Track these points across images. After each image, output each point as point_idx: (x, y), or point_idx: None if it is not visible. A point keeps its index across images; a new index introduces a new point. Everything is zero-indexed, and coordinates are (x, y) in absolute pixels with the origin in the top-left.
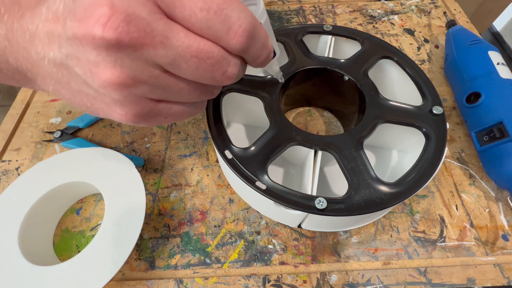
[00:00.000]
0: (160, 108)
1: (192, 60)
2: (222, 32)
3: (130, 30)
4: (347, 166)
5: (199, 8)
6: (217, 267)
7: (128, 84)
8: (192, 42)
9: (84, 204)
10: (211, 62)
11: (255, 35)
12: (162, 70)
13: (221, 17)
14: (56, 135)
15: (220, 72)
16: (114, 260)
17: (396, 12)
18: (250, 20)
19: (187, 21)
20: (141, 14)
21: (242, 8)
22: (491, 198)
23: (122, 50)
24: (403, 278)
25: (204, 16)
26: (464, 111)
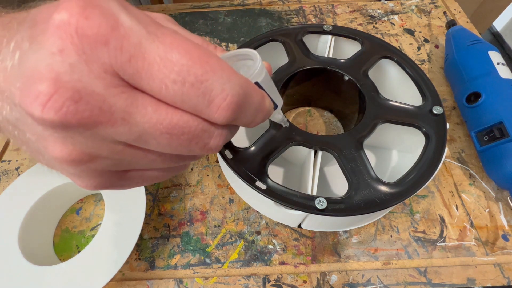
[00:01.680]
0: (129, 176)
1: (162, 137)
2: (201, 106)
3: (78, 109)
4: (347, 166)
5: (171, 80)
6: (217, 267)
7: (83, 161)
8: (162, 117)
9: (84, 204)
10: (187, 137)
11: (244, 104)
12: (126, 145)
13: (200, 90)
14: None
15: (199, 146)
16: (114, 260)
17: (396, 12)
18: (238, 91)
19: (157, 93)
20: (95, 89)
21: (227, 76)
22: (491, 198)
23: (71, 129)
24: (403, 278)
25: (178, 89)
26: (464, 111)
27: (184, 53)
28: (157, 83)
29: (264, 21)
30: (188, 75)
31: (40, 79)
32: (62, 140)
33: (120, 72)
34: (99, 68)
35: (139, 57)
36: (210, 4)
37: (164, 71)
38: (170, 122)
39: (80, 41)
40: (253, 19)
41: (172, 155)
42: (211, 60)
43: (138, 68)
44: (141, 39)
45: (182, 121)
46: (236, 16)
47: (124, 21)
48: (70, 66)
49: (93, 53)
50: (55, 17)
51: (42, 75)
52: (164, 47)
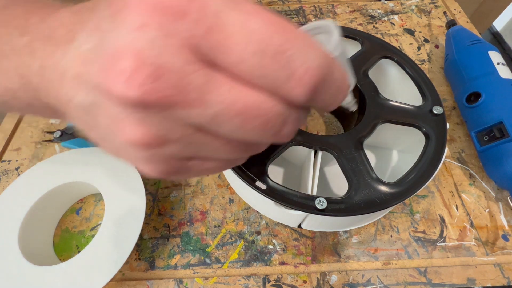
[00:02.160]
0: (190, 165)
1: (236, 119)
2: (280, 81)
3: (158, 87)
4: (347, 166)
5: (250, 51)
6: (217, 267)
7: (154, 145)
8: (237, 97)
9: (84, 204)
10: (261, 121)
11: (327, 79)
12: (197, 129)
13: (280, 62)
14: (56, 135)
15: (272, 131)
16: (114, 260)
17: (396, 12)
18: (320, 63)
19: (234, 69)
20: (175, 65)
21: (309, 46)
22: (491, 198)
23: (148, 109)
24: (403, 278)
25: (257, 62)
26: (464, 111)
27: (264, 21)
28: (235, 56)
29: None
30: (268, 46)
31: (122, 56)
32: (138, 121)
33: (197, 47)
34: (177, 42)
35: (217, 28)
36: None
37: (243, 41)
38: (245, 102)
39: (160, 15)
40: None
41: (238, 144)
42: (292, 29)
43: (215, 40)
44: (219, 8)
45: (258, 102)
46: None
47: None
48: (150, 41)
49: (172, 27)
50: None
51: (124, 52)
52: (243, 15)
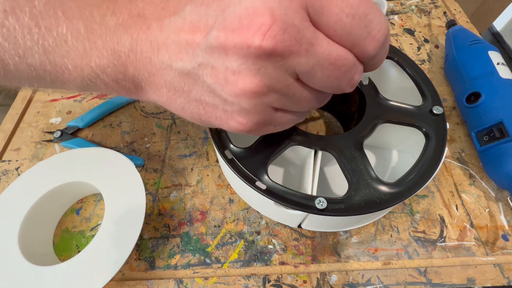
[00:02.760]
0: (275, 116)
1: (328, 68)
2: (361, 38)
3: (285, 38)
4: (347, 166)
5: (345, 13)
6: (217, 267)
7: (262, 93)
8: (332, 50)
9: (84, 204)
10: (344, 70)
11: (388, 40)
12: (296, 78)
13: (364, 22)
14: (56, 135)
15: (347, 79)
16: (114, 260)
17: (396, 12)
18: (387, 26)
19: (330, 27)
20: (295, 21)
21: (380, 12)
22: (491, 198)
23: (271, 58)
24: (403, 278)
25: (349, 21)
26: (464, 111)
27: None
28: (334, 17)
29: None
30: (358, 9)
31: (260, 13)
32: (255, 72)
33: (309, 8)
34: (297, 4)
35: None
36: None
37: (341, 5)
38: (337, 54)
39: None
40: None
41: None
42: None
43: (322, 4)
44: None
45: (344, 54)
46: None
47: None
48: (279, 2)
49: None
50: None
51: (260, 10)
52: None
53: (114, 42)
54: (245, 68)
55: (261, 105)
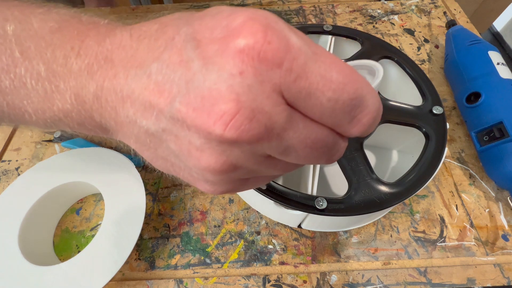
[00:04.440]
0: (249, 182)
1: (305, 150)
2: (345, 121)
3: (251, 127)
4: (347, 166)
5: (326, 98)
6: (217, 267)
7: (228, 171)
8: (310, 133)
9: (84, 204)
10: (323, 150)
11: (377, 120)
12: (268, 157)
13: (349, 107)
14: (56, 135)
15: (327, 157)
16: (114, 260)
17: (396, 12)
18: (377, 107)
19: (309, 110)
20: (265, 107)
21: (371, 92)
22: (491, 198)
23: (236, 145)
24: (403, 278)
25: (331, 106)
26: (464, 111)
27: (340, 72)
28: (313, 101)
29: None
30: (342, 94)
31: (223, 99)
32: (219, 152)
33: (284, 92)
34: (270, 88)
35: (303, 76)
36: (210, 4)
37: (322, 89)
38: (315, 137)
39: (260, 64)
40: None
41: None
42: (359, 78)
43: (300, 87)
44: (307, 60)
45: (323, 136)
46: None
47: (295, 42)
48: (248, 87)
49: (268, 75)
50: (239, 42)
51: (224, 96)
52: (325, 66)
53: (78, 87)
54: (208, 148)
55: (228, 179)
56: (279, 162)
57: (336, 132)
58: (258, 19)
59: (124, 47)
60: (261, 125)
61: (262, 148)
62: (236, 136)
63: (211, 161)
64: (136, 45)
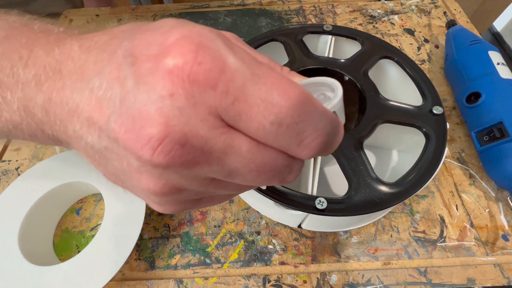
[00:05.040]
0: (201, 201)
1: (251, 174)
2: (292, 145)
3: (184, 153)
4: (347, 166)
5: (269, 121)
6: (217, 267)
7: (171, 193)
8: (254, 156)
9: (84, 204)
10: (272, 174)
11: (331, 142)
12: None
13: (294, 131)
14: None
15: (279, 179)
16: (114, 260)
17: (396, 12)
18: (328, 130)
19: (252, 133)
20: (200, 132)
21: (320, 116)
22: (491, 198)
23: (170, 169)
24: (403, 278)
25: (274, 130)
26: (464, 111)
27: (283, 94)
28: (254, 124)
29: (264, 21)
30: (285, 117)
31: (150, 122)
32: (157, 176)
33: (222, 114)
34: (204, 110)
35: (242, 99)
36: (210, 4)
37: (264, 113)
38: (261, 161)
39: (191, 86)
40: (253, 19)
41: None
42: (307, 100)
43: (239, 110)
44: (245, 81)
45: (271, 159)
46: (236, 16)
47: (231, 63)
48: (179, 110)
49: (201, 97)
50: (168, 62)
51: (153, 119)
52: (265, 89)
53: (26, 99)
54: (146, 171)
55: (174, 201)
56: (229, 184)
57: (288, 154)
58: (191, 37)
59: (73, 58)
60: (197, 150)
61: (203, 172)
62: (166, 161)
63: (150, 184)
64: (85, 56)
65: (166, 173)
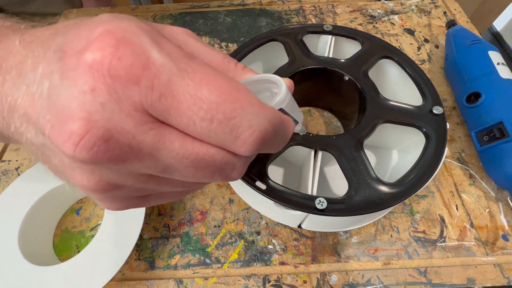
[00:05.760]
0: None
1: (187, 170)
2: (228, 141)
3: (109, 148)
4: (347, 166)
5: (199, 117)
6: (217, 267)
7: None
8: (189, 152)
9: (84, 204)
10: (211, 170)
11: (271, 137)
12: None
13: (227, 127)
14: None
15: (222, 176)
16: (114, 260)
17: (396, 12)
18: (265, 126)
19: (184, 129)
20: (125, 127)
21: (256, 111)
22: (491, 198)
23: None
24: (403, 278)
25: (206, 126)
26: (464, 111)
27: (213, 90)
28: (185, 120)
29: (264, 21)
30: (216, 113)
31: (72, 118)
32: (89, 172)
33: (149, 110)
34: (129, 106)
35: (169, 95)
36: (210, 4)
37: (193, 108)
38: (196, 156)
39: (112, 81)
40: (253, 19)
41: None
42: (241, 96)
43: (167, 105)
44: (171, 77)
45: (207, 155)
46: (236, 16)
47: (156, 59)
48: (102, 105)
49: (124, 92)
50: (88, 56)
51: (74, 114)
52: (194, 84)
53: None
54: (77, 167)
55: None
56: (171, 180)
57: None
58: (114, 32)
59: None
60: (123, 145)
61: (135, 168)
62: (89, 156)
63: (84, 181)
64: (26, 51)
65: (98, 169)
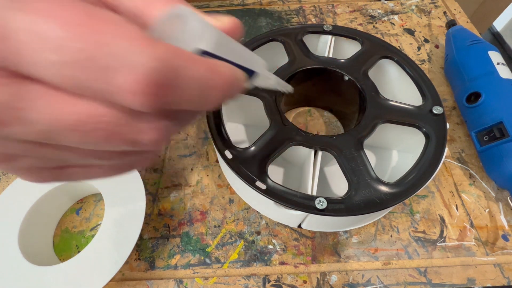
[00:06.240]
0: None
1: (72, 134)
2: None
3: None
4: (347, 166)
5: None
6: (217, 267)
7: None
8: (64, 111)
9: (84, 204)
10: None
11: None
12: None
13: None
14: None
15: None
16: (114, 260)
17: (396, 12)
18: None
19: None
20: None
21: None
22: (491, 198)
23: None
24: (403, 278)
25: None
26: (464, 111)
27: (59, 21)
28: (36, 66)
29: (264, 21)
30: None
31: None
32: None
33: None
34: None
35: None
36: (210, 4)
37: (37, 50)
38: (75, 116)
39: None
40: (253, 19)
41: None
42: (107, 27)
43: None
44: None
45: (91, 113)
46: (236, 16)
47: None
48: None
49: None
50: None
51: None
52: (29, 17)
53: None
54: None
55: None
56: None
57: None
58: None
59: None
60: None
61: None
62: None
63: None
64: None
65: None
